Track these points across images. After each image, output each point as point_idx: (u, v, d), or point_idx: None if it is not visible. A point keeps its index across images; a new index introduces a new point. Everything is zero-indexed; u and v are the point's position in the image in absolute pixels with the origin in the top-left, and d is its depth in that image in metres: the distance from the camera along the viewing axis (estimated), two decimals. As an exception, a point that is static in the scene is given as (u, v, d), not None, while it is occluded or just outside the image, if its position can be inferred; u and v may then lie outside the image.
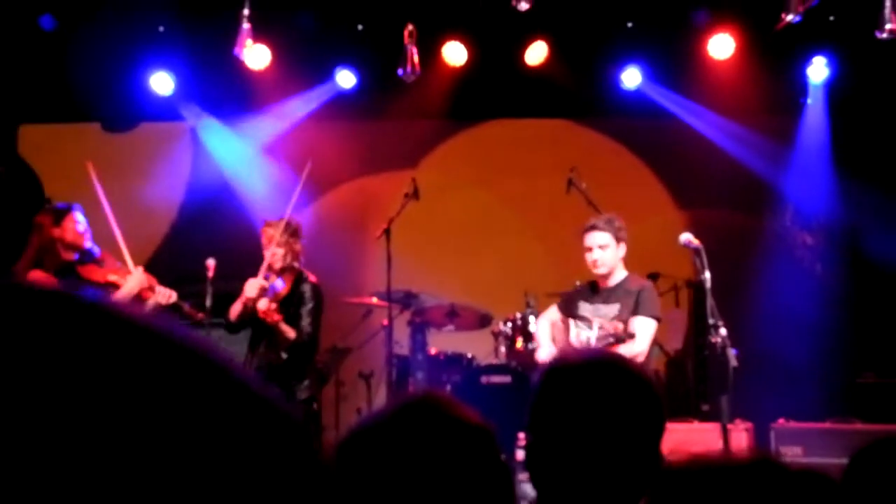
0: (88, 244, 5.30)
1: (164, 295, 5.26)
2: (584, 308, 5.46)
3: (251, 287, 5.60)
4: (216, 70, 8.04)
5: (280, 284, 5.74)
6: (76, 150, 8.57)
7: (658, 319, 5.32)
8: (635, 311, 5.28)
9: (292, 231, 5.86)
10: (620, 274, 5.42)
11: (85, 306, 0.60)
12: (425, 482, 1.23)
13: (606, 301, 5.38)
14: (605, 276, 5.39)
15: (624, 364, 1.77)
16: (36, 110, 8.48)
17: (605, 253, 5.31)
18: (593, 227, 5.32)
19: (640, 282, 5.51)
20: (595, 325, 5.22)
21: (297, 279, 5.88)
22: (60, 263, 5.23)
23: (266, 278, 5.71)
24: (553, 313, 5.73)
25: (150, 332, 0.60)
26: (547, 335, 5.69)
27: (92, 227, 5.39)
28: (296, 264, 5.88)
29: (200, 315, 5.57)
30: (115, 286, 5.25)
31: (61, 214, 5.29)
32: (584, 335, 5.28)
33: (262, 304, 5.61)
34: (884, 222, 7.77)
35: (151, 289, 5.29)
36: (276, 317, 5.58)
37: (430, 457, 1.24)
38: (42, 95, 8.25)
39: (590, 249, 5.34)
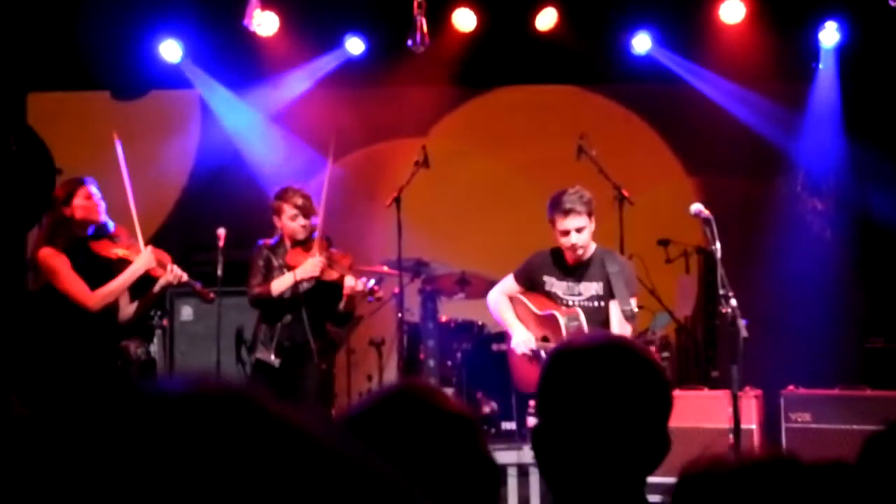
0: (101, 218, 5.23)
1: (175, 275, 5.25)
2: (555, 285, 5.25)
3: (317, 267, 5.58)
4: (225, 37, 8.03)
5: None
6: (86, 119, 8.59)
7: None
8: (631, 287, 5.18)
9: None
10: (590, 247, 5.22)
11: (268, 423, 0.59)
12: (405, 474, 1.22)
13: (581, 279, 5.17)
14: (578, 258, 5.18)
15: (631, 347, 1.78)
16: (45, 78, 8.47)
17: (583, 235, 5.05)
18: (571, 210, 4.97)
19: (614, 257, 5.26)
20: (581, 314, 5.10)
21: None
22: (73, 238, 5.18)
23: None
24: (510, 285, 5.47)
25: (335, 456, 0.60)
26: (513, 315, 5.42)
27: (108, 200, 5.35)
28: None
29: (212, 295, 5.57)
30: (126, 262, 5.23)
31: (73, 188, 5.22)
32: (572, 324, 5.06)
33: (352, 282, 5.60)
34: (893, 188, 7.75)
35: (163, 266, 5.26)
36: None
37: (410, 448, 1.22)
38: (51, 63, 8.24)
39: (566, 233, 5.02)
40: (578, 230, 5.03)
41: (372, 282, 5.66)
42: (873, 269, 8.04)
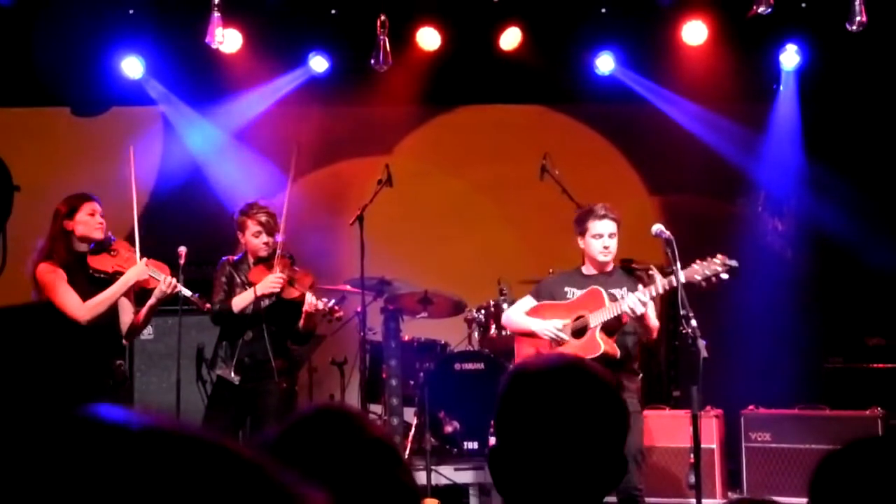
0: (101, 236, 5.28)
1: (169, 284, 5.24)
2: (577, 293, 5.39)
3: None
4: (187, 54, 7.97)
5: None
6: (46, 135, 8.50)
7: None
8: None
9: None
10: (610, 265, 5.47)
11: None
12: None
13: (605, 286, 5.31)
14: (603, 266, 5.38)
15: (588, 369, 1.78)
16: (3, 94, 8.36)
17: (614, 241, 5.31)
18: (605, 216, 5.27)
19: (631, 268, 5.68)
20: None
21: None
22: (71, 253, 5.22)
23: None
24: (529, 304, 5.57)
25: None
26: (527, 317, 5.52)
27: (107, 209, 5.37)
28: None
29: (207, 306, 5.54)
30: (121, 273, 5.27)
31: (78, 204, 5.28)
32: (611, 290, 5.26)
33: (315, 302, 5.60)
34: (853, 210, 7.84)
35: (158, 276, 5.27)
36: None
37: (328, 473, 1.18)
38: (10, 79, 8.14)
39: (600, 236, 5.29)
40: (612, 235, 5.29)
41: (332, 302, 5.65)
42: (833, 290, 8.12)
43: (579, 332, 5.27)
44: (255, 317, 5.66)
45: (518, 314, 5.56)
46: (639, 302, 5.02)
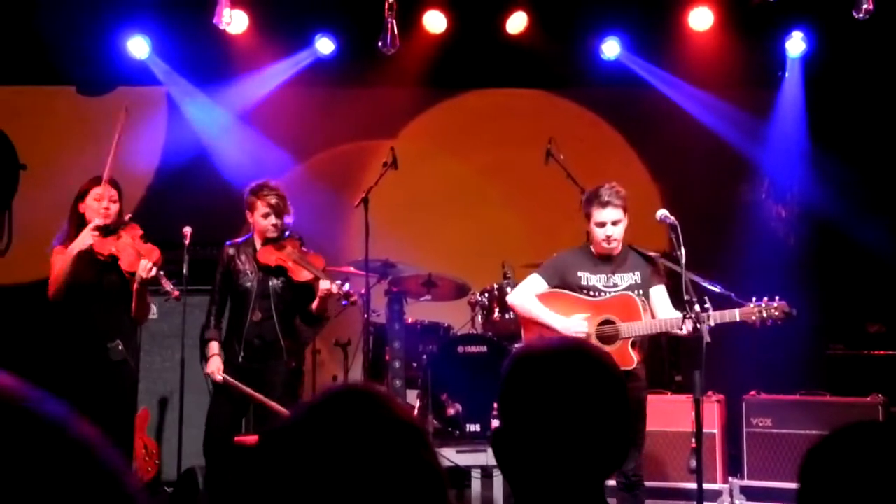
0: (100, 221, 5.32)
1: (144, 268, 5.27)
2: (590, 279, 5.21)
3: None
4: (193, 34, 7.97)
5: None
6: (51, 114, 8.51)
7: None
8: (653, 281, 5.18)
9: None
10: (618, 247, 5.25)
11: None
12: (343, 484, 1.17)
13: (616, 271, 5.18)
14: (609, 249, 5.21)
15: (590, 351, 1.80)
16: (9, 72, 8.38)
17: (618, 228, 5.14)
18: (609, 203, 5.09)
19: (642, 250, 5.30)
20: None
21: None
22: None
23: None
24: (537, 284, 5.34)
25: None
26: (546, 309, 5.25)
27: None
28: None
29: (176, 293, 5.53)
30: (116, 258, 5.32)
31: (89, 186, 5.39)
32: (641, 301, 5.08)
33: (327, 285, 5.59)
34: (856, 197, 7.85)
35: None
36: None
37: (352, 455, 1.15)
38: (16, 57, 8.16)
39: (602, 224, 5.11)
40: (614, 223, 5.11)
41: (347, 286, 5.65)
42: (835, 277, 8.13)
43: (606, 338, 5.08)
44: (265, 298, 5.67)
45: (531, 301, 5.30)
46: (680, 327, 4.95)
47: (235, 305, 5.72)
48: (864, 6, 6.59)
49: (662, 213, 5.06)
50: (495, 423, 6.61)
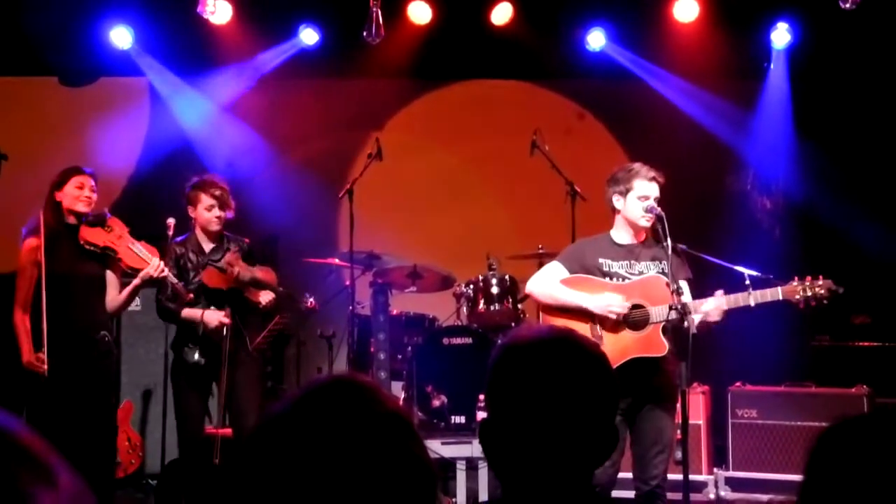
0: (83, 209, 5.29)
1: (157, 268, 5.26)
2: (612, 266, 4.91)
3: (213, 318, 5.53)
4: (176, 25, 7.92)
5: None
6: (33, 104, 8.44)
7: None
8: (679, 273, 4.90)
9: None
10: (643, 232, 4.98)
11: None
12: (331, 476, 1.15)
13: (640, 258, 4.90)
14: (637, 232, 4.94)
15: (578, 340, 1.78)
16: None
17: (657, 207, 4.87)
18: (654, 178, 4.87)
19: (667, 242, 4.84)
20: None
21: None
22: (60, 224, 5.29)
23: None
24: (557, 272, 4.96)
25: None
26: (573, 291, 4.85)
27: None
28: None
29: (190, 295, 5.49)
30: (111, 250, 5.29)
31: (67, 176, 5.33)
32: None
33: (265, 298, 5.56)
34: (841, 189, 7.86)
35: (148, 259, 5.31)
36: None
37: (340, 447, 1.15)
38: (-3, 47, 8.09)
39: (646, 198, 4.85)
40: (656, 200, 4.88)
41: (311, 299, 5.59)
42: (821, 268, 8.13)
43: (635, 323, 4.81)
44: (220, 297, 5.58)
45: (555, 286, 4.90)
46: (719, 310, 4.74)
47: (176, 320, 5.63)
48: (851, -4, 6.60)
49: (648, 203, 5.02)
50: (480, 414, 6.60)
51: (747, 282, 4.84)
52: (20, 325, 5.21)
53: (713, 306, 4.78)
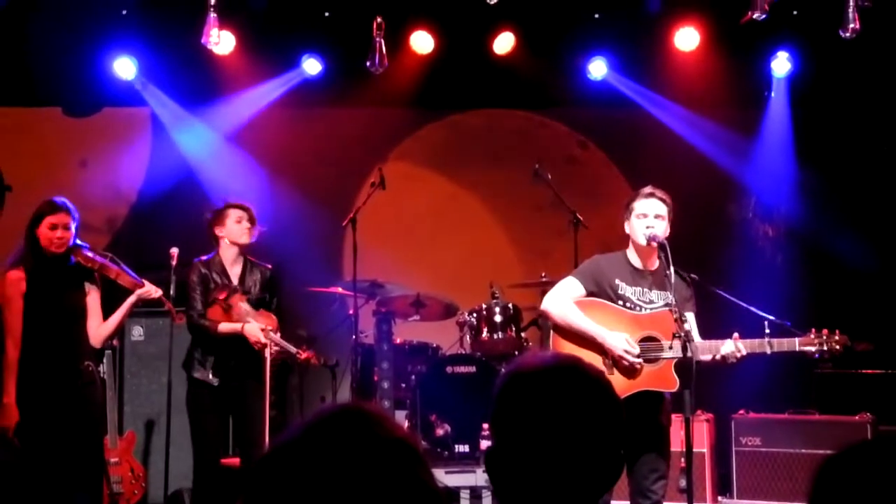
0: (56, 249, 5.29)
1: (153, 288, 5.33)
2: (626, 290, 4.89)
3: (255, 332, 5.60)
4: (180, 55, 7.95)
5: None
6: (37, 135, 8.47)
7: None
8: (687, 306, 4.89)
9: None
10: (655, 259, 4.93)
11: None
12: (341, 502, 1.16)
13: (652, 287, 4.88)
14: (648, 256, 4.93)
15: (584, 368, 1.78)
16: (-6, 93, 8.34)
17: (661, 224, 4.85)
18: (652, 195, 4.87)
19: (682, 272, 4.93)
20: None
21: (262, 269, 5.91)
22: (39, 259, 5.30)
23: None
24: (574, 289, 4.90)
25: None
26: (591, 321, 4.79)
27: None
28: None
29: (180, 319, 5.56)
30: (106, 269, 5.36)
31: (39, 214, 5.32)
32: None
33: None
34: (843, 216, 7.87)
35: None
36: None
37: (348, 474, 1.15)
38: (1, 78, 8.12)
39: (645, 216, 4.85)
40: (658, 217, 4.86)
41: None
42: (823, 296, 8.14)
43: (648, 357, 4.76)
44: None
45: (571, 308, 4.83)
46: (736, 355, 4.77)
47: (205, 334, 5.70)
48: (851, 25, 6.63)
49: (651, 232, 5.02)
50: (484, 443, 6.58)
51: (767, 330, 4.90)
52: (13, 363, 5.17)
53: (731, 350, 4.81)
